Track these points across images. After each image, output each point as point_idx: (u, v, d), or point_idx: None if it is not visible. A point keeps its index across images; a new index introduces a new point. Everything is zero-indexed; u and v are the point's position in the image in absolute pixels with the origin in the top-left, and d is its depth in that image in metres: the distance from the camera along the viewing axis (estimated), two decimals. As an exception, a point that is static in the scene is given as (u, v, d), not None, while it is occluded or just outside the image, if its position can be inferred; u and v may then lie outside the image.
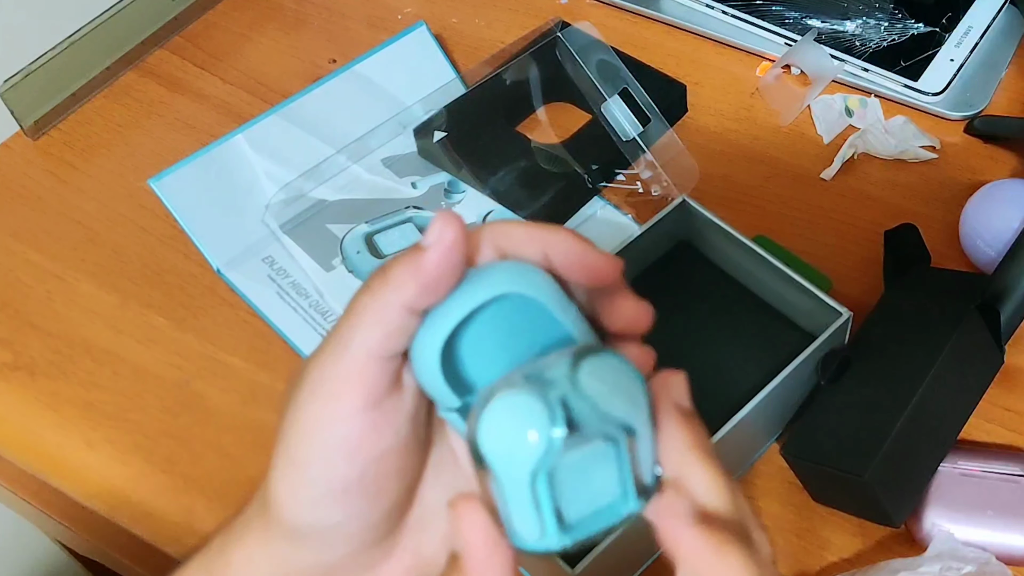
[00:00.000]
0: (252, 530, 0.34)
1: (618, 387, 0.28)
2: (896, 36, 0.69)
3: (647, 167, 0.65)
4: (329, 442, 0.31)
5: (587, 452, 0.27)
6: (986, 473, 0.50)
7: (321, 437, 0.31)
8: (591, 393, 0.27)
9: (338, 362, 0.30)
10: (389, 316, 0.30)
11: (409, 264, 0.29)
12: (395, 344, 0.30)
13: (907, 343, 0.51)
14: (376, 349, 0.30)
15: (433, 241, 0.29)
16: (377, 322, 0.30)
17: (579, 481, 0.28)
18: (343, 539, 0.32)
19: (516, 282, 0.30)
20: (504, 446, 0.27)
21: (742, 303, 0.57)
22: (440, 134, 0.65)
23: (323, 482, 0.31)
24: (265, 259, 0.63)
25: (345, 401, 0.30)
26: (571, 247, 0.31)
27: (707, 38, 0.72)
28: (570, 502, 0.28)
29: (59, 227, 0.67)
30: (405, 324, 0.30)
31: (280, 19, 0.78)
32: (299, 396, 0.31)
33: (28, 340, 0.62)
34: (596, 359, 0.28)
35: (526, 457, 0.27)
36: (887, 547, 0.50)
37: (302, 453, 0.31)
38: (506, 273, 0.30)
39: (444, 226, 0.29)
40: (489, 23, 0.75)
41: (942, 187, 0.63)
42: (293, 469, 0.32)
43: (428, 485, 0.34)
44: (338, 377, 0.30)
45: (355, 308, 0.30)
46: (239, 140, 0.64)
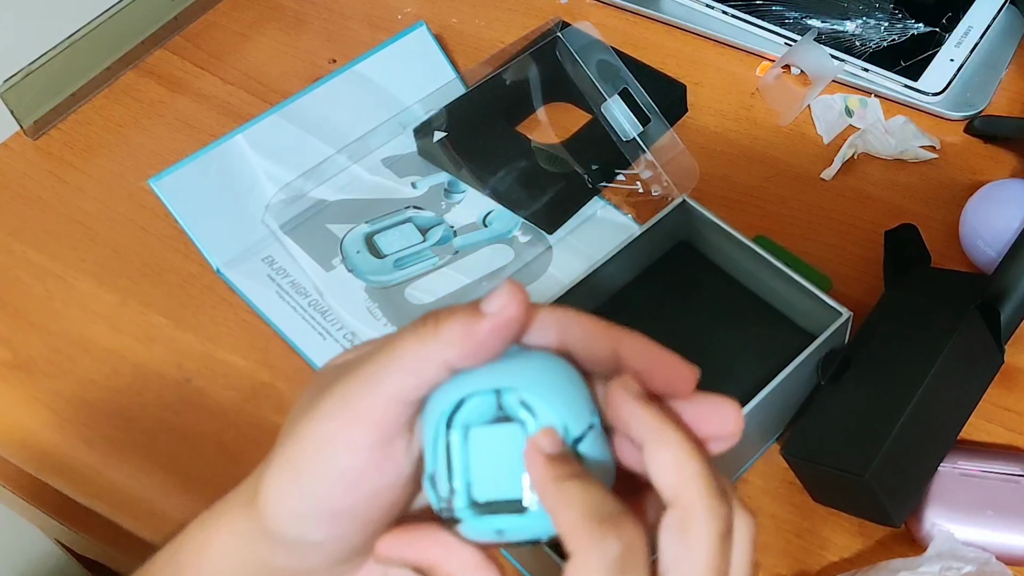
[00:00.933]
0: (233, 521, 0.33)
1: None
2: (896, 36, 0.69)
3: (647, 167, 0.65)
4: (333, 466, 0.31)
5: (501, 436, 0.30)
6: (986, 473, 0.50)
7: (327, 458, 0.31)
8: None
9: (366, 395, 0.30)
10: (428, 368, 0.30)
11: (464, 325, 0.29)
12: (423, 393, 0.31)
13: (907, 343, 0.51)
14: (405, 394, 0.30)
15: (494, 311, 0.29)
16: (415, 371, 0.30)
17: (493, 467, 0.30)
18: (320, 554, 0.32)
19: (546, 381, 0.30)
20: (433, 406, 0.30)
21: (742, 303, 0.57)
22: (440, 134, 0.65)
23: (315, 501, 0.31)
24: (265, 259, 0.63)
25: (360, 432, 0.30)
26: (647, 352, 0.31)
27: (707, 38, 0.72)
28: (483, 484, 0.30)
29: (59, 227, 0.67)
30: (439, 378, 0.30)
31: (280, 19, 0.78)
32: (318, 408, 0.31)
33: (27, 339, 0.62)
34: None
35: (446, 406, 0.30)
36: (887, 547, 0.50)
37: (304, 464, 0.31)
38: (542, 371, 0.31)
39: (509, 300, 0.29)
40: (489, 23, 0.75)
41: (942, 187, 0.63)
42: (290, 476, 0.31)
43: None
44: (361, 408, 0.30)
45: (397, 346, 0.30)
46: (239, 140, 0.64)
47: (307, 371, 0.59)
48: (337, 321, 0.60)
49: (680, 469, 0.28)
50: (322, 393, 0.31)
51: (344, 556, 0.33)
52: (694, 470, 0.28)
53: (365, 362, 0.31)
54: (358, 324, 0.59)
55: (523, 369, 0.31)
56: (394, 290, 0.61)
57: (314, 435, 0.31)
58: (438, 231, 0.63)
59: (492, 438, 0.30)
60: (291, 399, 0.57)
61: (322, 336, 0.60)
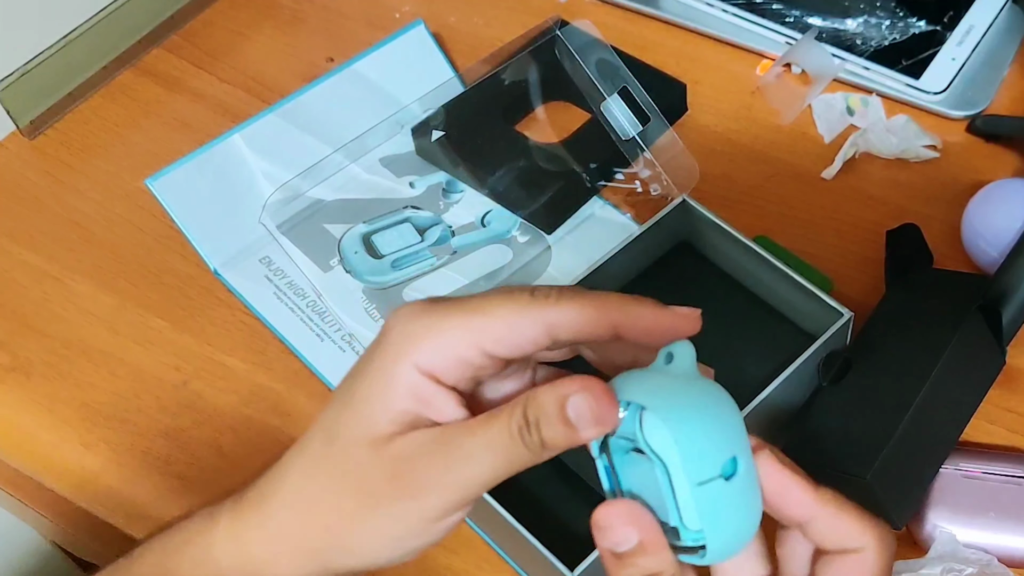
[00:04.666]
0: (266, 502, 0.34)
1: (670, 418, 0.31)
2: (897, 35, 0.69)
3: (646, 166, 0.64)
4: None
5: (645, 461, 0.31)
6: (988, 475, 0.49)
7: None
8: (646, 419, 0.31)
9: (441, 492, 0.32)
10: (514, 466, 0.32)
11: (562, 441, 0.31)
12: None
13: (908, 344, 0.51)
14: (477, 485, 0.33)
15: (581, 430, 0.31)
16: (501, 470, 0.32)
17: (639, 482, 0.31)
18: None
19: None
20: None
21: (742, 304, 0.56)
22: (438, 133, 0.65)
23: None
24: (262, 259, 0.63)
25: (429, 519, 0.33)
26: (645, 318, 0.34)
27: (707, 36, 0.72)
28: (629, 490, 0.32)
29: (56, 227, 0.67)
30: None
31: (277, 18, 0.77)
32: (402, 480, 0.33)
33: (24, 341, 0.61)
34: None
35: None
36: (888, 549, 0.50)
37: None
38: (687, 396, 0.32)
39: (592, 427, 0.31)
40: (487, 21, 0.75)
41: (944, 187, 0.63)
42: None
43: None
44: (432, 501, 0.33)
45: (490, 442, 0.32)
46: (236, 140, 0.64)
47: (305, 373, 0.58)
48: (335, 323, 0.60)
49: (864, 530, 0.32)
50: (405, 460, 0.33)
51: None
52: (876, 528, 0.32)
53: (460, 446, 0.32)
54: (356, 325, 0.59)
55: (665, 388, 0.31)
56: (392, 291, 0.61)
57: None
58: (436, 231, 0.63)
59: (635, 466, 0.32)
60: (289, 401, 0.58)
61: (320, 338, 0.59)
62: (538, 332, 0.32)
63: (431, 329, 0.33)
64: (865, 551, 0.31)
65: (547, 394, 0.31)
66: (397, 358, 0.33)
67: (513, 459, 0.32)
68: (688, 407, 0.31)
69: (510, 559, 0.51)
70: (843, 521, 0.31)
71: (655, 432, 0.30)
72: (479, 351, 0.33)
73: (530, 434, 0.31)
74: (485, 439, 0.32)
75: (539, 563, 0.46)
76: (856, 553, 0.31)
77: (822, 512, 0.31)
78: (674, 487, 0.30)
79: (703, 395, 0.32)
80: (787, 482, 0.32)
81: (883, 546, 0.31)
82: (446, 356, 0.33)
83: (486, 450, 0.32)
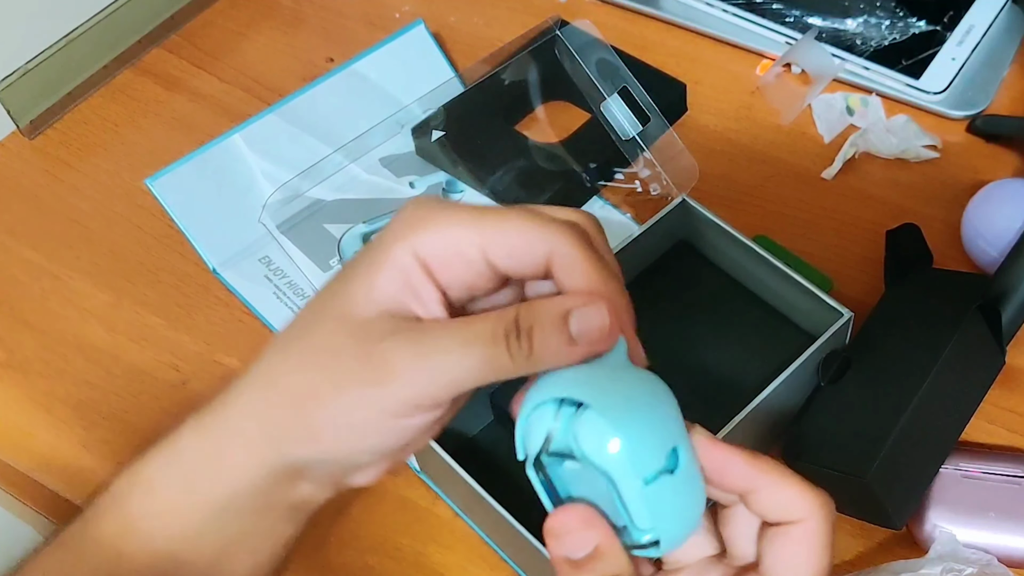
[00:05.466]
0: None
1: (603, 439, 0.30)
2: (897, 35, 0.69)
3: (646, 166, 0.64)
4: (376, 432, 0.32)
5: (589, 471, 0.30)
6: (988, 475, 0.49)
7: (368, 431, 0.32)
8: (580, 431, 0.30)
9: (431, 382, 0.31)
10: (500, 375, 0.31)
11: (555, 354, 0.31)
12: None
13: (908, 344, 0.51)
14: (466, 386, 0.32)
15: (587, 343, 0.31)
16: (487, 376, 0.31)
17: (586, 489, 0.31)
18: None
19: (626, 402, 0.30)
20: (527, 440, 0.32)
21: (742, 303, 0.56)
22: (438, 133, 0.65)
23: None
24: (262, 259, 0.63)
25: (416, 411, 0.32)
26: (574, 266, 0.32)
27: (707, 36, 0.72)
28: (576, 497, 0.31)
29: (55, 226, 0.67)
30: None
31: (277, 17, 0.77)
32: (371, 370, 0.32)
33: (22, 338, 0.61)
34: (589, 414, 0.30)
35: (534, 446, 0.31)
36: (888, 549, 0.50)
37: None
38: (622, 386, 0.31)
39: (602, 338, 0.31)
40: (487, 21, 0.75)
41: (944, 187, 0.63)
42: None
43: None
44: (423, 391, 0.32)
45: (475, 343, 0.31)
46: (236, 139, 0.64)
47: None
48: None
49: (804, 499, 0.31)
50: (378, 351, 0.31)
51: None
52: (817, 496, 0.32)
53: (438, 337, 0.31)
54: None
55: (602, 382, 0.31)
56: (392, 290, 0.61)
57: (354, 408, 0.32)
58: (436, 231, 0.63)
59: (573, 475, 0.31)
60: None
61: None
62: (543, 255, 0.32)
63: (439, 219, 0.32)
64: (808, 520, 0.31)
65: (549, 304, 0.31)
66: (395, 239, 0.32)
67: (490, 363, 0.31)
68: (628, 402, 0.30)
69: (510, 560, 0.51)
70: (785, 489, 0.31)
71: (596, 437, 0.29)
72: (480, 255, 0.32)
73: (518, 341, 0.30)
74: (464, 336, 0.31)
75: (539, 563, 0.46)
76: (800, 523, 0.31)
77: (764, 480, 0.31)
78: (621, 492, 0.29)
79: (640, 387, 0.31)
80: (726, 456, 0.31)
81: (825, 513, 0.31)
82: (446, 249, 0.32)
83: (463, 346, 0.31)
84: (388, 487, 0.54)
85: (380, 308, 0.32)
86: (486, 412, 0.54)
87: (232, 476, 0.34)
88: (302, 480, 0.34)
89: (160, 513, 0.35)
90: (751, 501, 0.32)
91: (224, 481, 0.34)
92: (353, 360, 0.31)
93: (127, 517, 0.35)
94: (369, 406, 0.31)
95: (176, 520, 0.34)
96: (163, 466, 0.35)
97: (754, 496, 0.32)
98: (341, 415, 0.32)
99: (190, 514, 0.34)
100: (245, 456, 0.34)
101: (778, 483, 0.31)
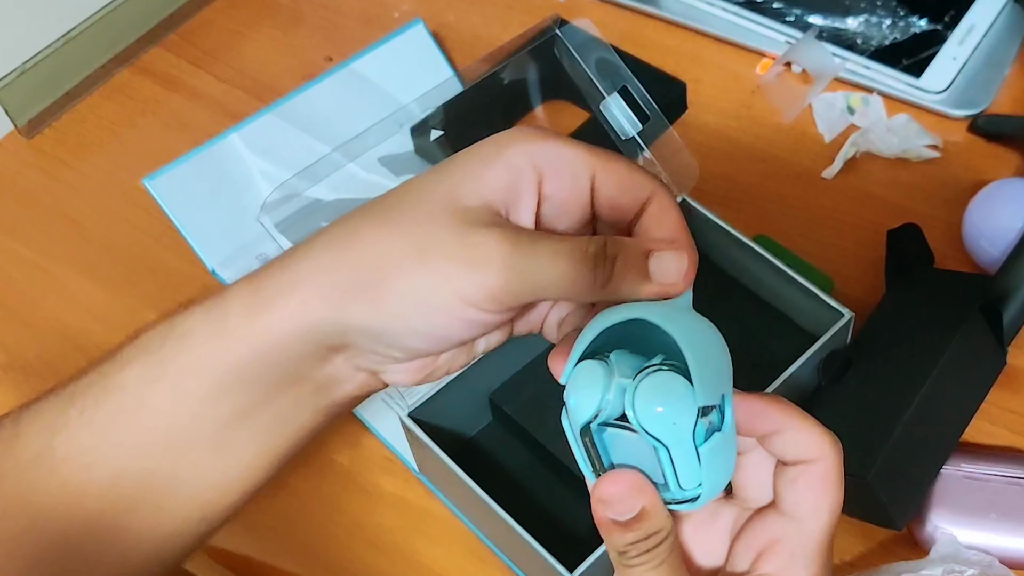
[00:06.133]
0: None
1: (666, 407, 0.30)
2: (898, 34, 0.69)
3: (646, 166, 0.64)
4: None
5: (635, 437, 0.31)
6: (989, 476, 0.49)
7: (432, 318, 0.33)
8: (638, 405, 0.30)
9: (505, 293, 0.32)
10: (576, 299, 0.34)
11: (632, 288, 0.32)
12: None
13: (909, 344, 0.50)
14: (536, 298, 0.34)
15: (664, 283, 0.33)
16: (565, 298, 0.34)
17: (628, 453, 0.32)
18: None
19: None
20: (574, 399, 0.31)
21: (742, 303, 0.56)
22: (437, 132, 0.65)
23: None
24: (259, 258, 0.63)
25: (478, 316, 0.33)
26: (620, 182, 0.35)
27: (707, 35, 0.71)
28: (619, 462, 0.32)
29: (53, 225, 0.66)
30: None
31: (276, 16, 0.77)
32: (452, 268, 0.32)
33: (21, 339, 0.61)
34: (660, 377, 0.30)
35: (583, 412, 0.31)
36: (889, 550, 0.50)
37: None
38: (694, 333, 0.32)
39: (680, 280, 0.33)
40: (486, 21, 0.75)
41: (945, 186, 0.62)
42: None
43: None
44: (490, 303, 0.33)
45: (554, 267, 0.32)
46: (234, 139, 0.64)
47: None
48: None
49: (823, 439, 0.33)
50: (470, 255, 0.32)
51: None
52: (831, 436, 0.33)
53: (533, 242, 0.32)
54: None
55: (676, 315, 0.32)
56: (391, 290, 0.60)
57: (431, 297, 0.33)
58: (435, 231, 0.63)
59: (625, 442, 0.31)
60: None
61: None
62: (644, 197, 0.34)
63: (559, 138, 0.34)
64: (825, 459, 0.33)
65: (638, 242, 0.33)
66: (514, 141, 0.34)
67: (572, 279, 0.32)
68: (706, 356, 0.31)
69: (508, 560, 0.51)
70: (806, 431, 0.32)
71: (664, 397, 0.30)
72: (589, 178, 0.34)
73: (604, 265, 0.32)
74: (557, 248, 0.32)
75: (538, 564, 0.46)
76: (817, 462, 0.33)
77: (789, 423, 0.32)
78: (674, 456, 0.30)
79: (705, 334, 0.32)
80: (761, 404, 0.33)
81: (838, 451, 0.33)
82: (561, 163, 0.33)
83: (552, 257, 0.32)
84: (386, 487, 0.54)
85: (483, 199, 0.33)
86: (485, 413, 0.54)
87: (274, 329, 0.34)
88: (338, 355, 0.34)
89: (185, 367, 0.34)
90: (772, 442, 0.33)
91: (263, 334, 0.34)
92: (448, 236, 0.32)
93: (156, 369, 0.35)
94: (449, 284, 0.32)
95: (202, 372, 0.34)
96: (204, 317, 0.35)
97: (777, 437, 0.33)
98: (417, 287, 0.32)
99: (216, 369, 0.34)
100: (293, 310, 0.33)
101: (800, 425, 0.33)
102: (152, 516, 0.36)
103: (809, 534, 0.33)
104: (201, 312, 0.35)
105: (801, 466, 0.33)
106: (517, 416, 0.52)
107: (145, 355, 0.35)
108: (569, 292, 0.32)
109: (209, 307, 0.35)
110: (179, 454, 0.35)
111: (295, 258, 0.34)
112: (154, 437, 0.35)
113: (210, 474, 0.36)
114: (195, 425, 0.35)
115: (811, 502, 0.33)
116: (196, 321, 0.35)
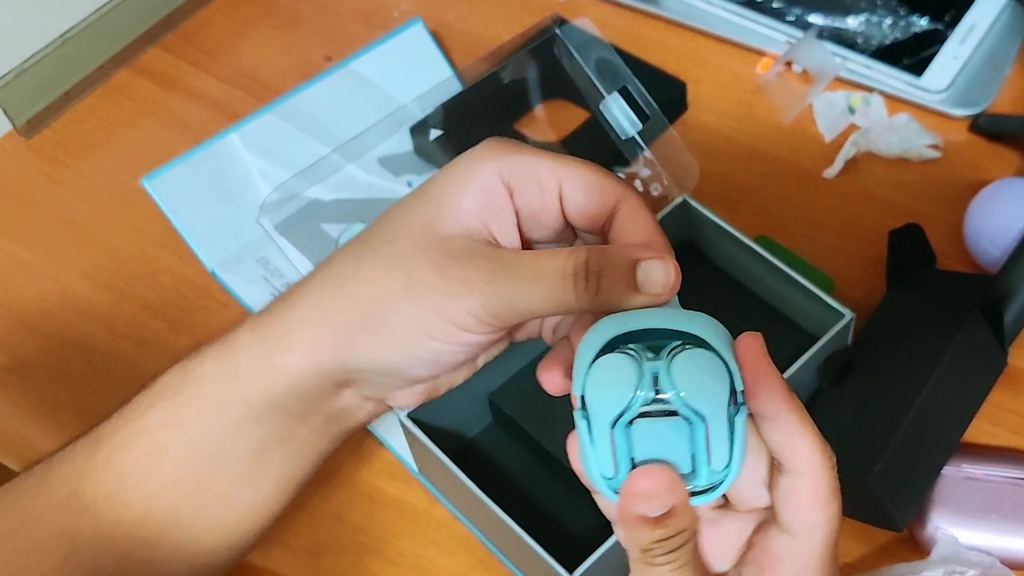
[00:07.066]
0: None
1: (703, 378, 0.31)
2: (899, 33, 0.69)
3: (646, 166, 0.64)
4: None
5: (666, 424, 0.31)
6: (990, 476, 0.49)
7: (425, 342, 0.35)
8: (678, 378, 0.30)
9: (493, 310, 0.33)
10: (560, 311, 0.34)
11: (621, 298, 0.32)
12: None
13: (910, 345, 0.50)
14: (530, 315, 0.34)
15: (650, 293, 0.33)
16: (549, 310, 0.34)
17: (655, 445, 0.31)
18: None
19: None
20: (599, 395, 0.31)
21: (743, 304, 0.56)
22: (436, 132, 0.65)
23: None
24: (259, 260, 0.63)
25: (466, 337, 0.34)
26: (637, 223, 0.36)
27: (707, 35, 0.71)
28: (645, 458, 0.32)
29: (52, 227, 0.66)
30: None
31: (275, 16, 0.77)
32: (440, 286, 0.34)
33: (22, 342, 0.61)
34: (692, 352, 0.31)
35: (612, 406, 0.31)
36: (890, 551, 0.50)
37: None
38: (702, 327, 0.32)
39: (666, 291, 0.33)
40: (486, 20, 0.74)
41: (946, 186, 0.62)
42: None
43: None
44: (482, 324, 0.34)
45: (542, 282, 0.33)
46: (233, 139, 0.63)
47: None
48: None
49: (812, 453, 0.32)
50: (452, 270, 0.33)
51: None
52: (823, 453, 0.32)
53: (512, 266, 0.33)
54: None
55: (682, 318, 0.32)
56: (390, 291, 0.60)
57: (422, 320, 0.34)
58: (435, 231, 0.63)
59: (655, 431, 0.31)
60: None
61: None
62: (612, 203, 0.34)
63: (522, 149, 0.34)
64: (812, 475, 0.32)
65: (619, 251, 0.33)
66: (481, 160, 0.34)
67: (556, 298, 0.32)
68: (718, 338, 0.31)
69: (509, 562, 0.51)
70: (799, 435, 0.32)
71: (702, 371, 0.30)
72: (556, 187, 0.34)
73: (586, 281, 0.32)
74: (536, 269, 0.33)
75: (538, 565, 0.46)
76: (804, 477, 0.32)
77: (789, 417, 0.32)
78: (711, 432, 0.30)
79: (708, 324, 0.32)
80: (773, 384, 0.32)
81: (829, 465, 0.33)
82: (528, 175, 0.34)
83: (533, 279, 0.33)
84: (387, 491, 0.53)
85: (462, 226, 0.34)
86: (485, 414, 0.54)
87: (285, 372, 0.36)
88: (347, 389, 0.36)
89: (204, 408, 0.37)
90: (764, 426, 0.32)
91: (275, 377, 0.36)
92: (430, 271, 0.34)
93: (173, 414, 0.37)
94: (439, 314, 0.33)
95: (221, 412, 0.36)
96: (216, 362, 0.37)
97: (771, 424, 0.32)
98: (409, 318, 0.34)
99: (234, 409, 0.36)
100: (302, 352, 0.35)
101: (796, 425, 0.32)
102: (180, 550, 0.38)
103: (807, 551, 0.33)
104: (213, 357, 0.37)
105: (790, 480, 0.33)
106: (517, 416, 0.52)
107: (163, 400, 0.37)
108: (555, 310, 0.33)
109: (220, 352, 0.37)
110: (203, 491, 0.37)
111: (295, 304, 0.36)
112: (178, 476, 0.37)
113: (234, 506, 0.38)
114: (216, 463, 0.37)
115: (806, 520, 0.33)
116: (209, 367, 0.37)
